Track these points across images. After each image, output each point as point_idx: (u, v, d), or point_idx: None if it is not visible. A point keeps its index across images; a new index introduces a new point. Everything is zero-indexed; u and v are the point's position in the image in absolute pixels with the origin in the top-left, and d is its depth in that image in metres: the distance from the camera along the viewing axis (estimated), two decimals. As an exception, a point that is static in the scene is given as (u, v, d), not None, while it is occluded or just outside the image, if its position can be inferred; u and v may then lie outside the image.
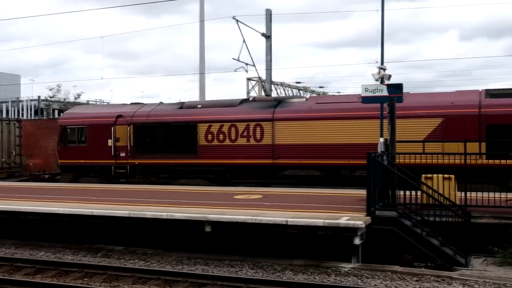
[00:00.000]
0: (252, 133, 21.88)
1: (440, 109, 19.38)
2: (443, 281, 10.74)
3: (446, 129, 18.98)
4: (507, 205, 12.81)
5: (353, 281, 10.88)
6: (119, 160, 24.30)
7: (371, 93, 14.64)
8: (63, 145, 25.51)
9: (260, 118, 21.85)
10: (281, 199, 16.17)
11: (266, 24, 29.44)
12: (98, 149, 24.63)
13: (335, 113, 20.72)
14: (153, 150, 23.66)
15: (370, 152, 12.78)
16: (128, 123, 24.25)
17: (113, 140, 24.44)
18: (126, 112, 24.86)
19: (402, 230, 12.37)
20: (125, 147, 24.15)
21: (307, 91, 35.24)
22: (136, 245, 14.51)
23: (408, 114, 19.06)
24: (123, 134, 24.28)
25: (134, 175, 24.20)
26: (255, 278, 11.18)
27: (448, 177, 13.88)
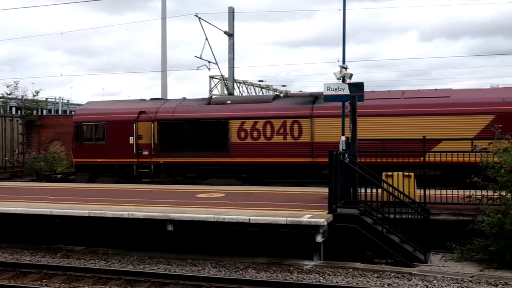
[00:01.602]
0: (289, 130, 21.11)
1: (491, 106, 18.90)
2: (403, 277, 10.91)
3: None
4: (465, 202, 13.06)
5: (315, 278, 10.96)
6: (141, 159, 23.10)
7: (333, 92, 14.76)
8: (79, 142, 24.24)
9: (298, 115, 20.99)
10: (244, 198, 16.16)
11: (228, 22, 29.39)
12: (118, 147, 23.39)
13: (381, 109, 20.06)
14: (180, 148, 22.53)
15: (331, 150, 12.87)
16: (152, 119, 23.03)
17: (135, 137, 23.26)
18: (149, 108, 23.59)
19: (363, 228, 12.51)
20: (149, 145, 23.01)
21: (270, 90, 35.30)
22: (96, 245, 14.29)
23: (456, 111, 18.78)
24: (146, 131, 23.12)
25: (159, 174, 23.07)
26: (218, 277, 11.14)
27: (408, 175, 14.11)
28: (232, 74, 29.46)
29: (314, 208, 13.48)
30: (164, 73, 32.00)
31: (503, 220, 11.68)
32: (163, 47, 31.94)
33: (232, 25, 29.40)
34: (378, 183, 13.34)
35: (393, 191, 13.32)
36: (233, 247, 13.26)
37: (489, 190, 12.57)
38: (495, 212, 11.99)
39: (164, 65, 31.74)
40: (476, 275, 11.06)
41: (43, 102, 43.14)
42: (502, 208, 12.04)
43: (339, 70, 15.16)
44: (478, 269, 11.63)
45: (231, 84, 29.32)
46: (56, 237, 14.93)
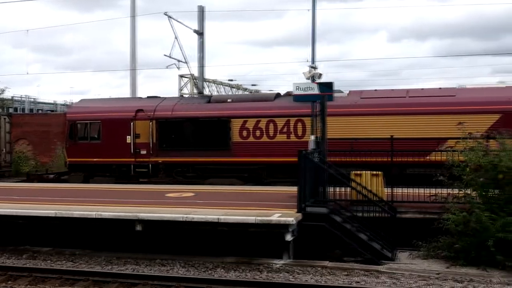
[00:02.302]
0: (293, 129, 20.83)
1: (497, 105, 18.89)
2: (371, 275, 11.02)
3: (505, 126, 18.03)
4: (431, 201, 13.25)
5: (284, 277, 10.99)
6: (139, 158, 22.47)
7: (303, 91, 14.83)
8: (73, 141, 23.50)
9: (302, 114, 20.46)
10: (213, 197, 16.12)
11: (198, 21, 29.27)
12: (114, 146, 22.73)
13: (385, 108, 19.85)
14: (179, 147, 21.98)
15: (301, 149, 12.93)
16: (150, 118, 22.45)
17: (132, 136, 22.65)
18: (147, 106, 23.01)
19: (332, 226, 12.60)
20: (147, 144, 22.41)
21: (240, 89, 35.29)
22: (63, 246, 14.07)
23: (462, 110, 18.62)
24: (144, 130, 22.55)
25: (157, 174, 22.52)
26: (187, 277, 11.09)
27: (376, 174, 14.26)
28: (201, 73, 29.36)
29: (283, 207, 13.52)
30: (133, 72, 31.72)
31: (468, 218, 11.87)
32: (132, 45, 31.67)
33: (202, 24, 29.30)
34: (347, 182, 13.45)
35: (362, 189, 13.45)
36: (202, 246, 13.22)
37: (455, 189, 12.78)
38: (461, 210, 12.19)
39: (134, 63, 31.46)
40: (442, 272, 11.25)
41: (8, 101, 42.33)
42: (467, 206, 12.25)
43: (308, 70, 15.27)
44: (444, 266, 11.82)
45: (201, 83, 29.22)
46: (23, 238, 14.65)
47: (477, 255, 11.71)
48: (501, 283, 10.45)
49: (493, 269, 11.38)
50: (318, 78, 15.35)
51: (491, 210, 11.78)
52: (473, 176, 12.25)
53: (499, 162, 11.89)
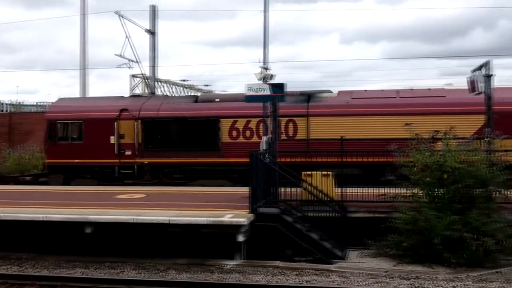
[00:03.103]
0: (284, 129, 20.54)
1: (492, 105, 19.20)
2: (321, 274, 11.16)
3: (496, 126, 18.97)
4: (380, 200, 13.49)
5: (235, 278, 11.00)
6: (124, 159, 21.73)
7: (255, 92, 14.86)
8: (53, 142, 22.50)
9: (293, 114, 20.36)
10: (165, 198, 16.00)
11: (150, 20, 28.96)
12: (97, 147, 21.86)
13: (378, 108, 19.84)
14: (166, 148, 21.30)
15: (252, 150, 12.98)
16: (135, 117, 21.75)
17: (116, 136, 21.89)
18: (131, 105, 22.27)
19: (284, 226, 12.69)
20: (132, 145, 21.72)
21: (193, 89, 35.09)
22: (9, 250, 13.64)
23: (453, 110, 18.70)
24: (129, 130, 21.83)
25: (143, 175, 21.85)
26: (137, 279, 10.97)
27: (327, 174, 14.42)
28: (154, 73, 29.06)
29: (235, 208, 13.53)
30: (83, 71, 31.13)
31: (417, 217, 12.16)
32: (82, 44, 31.09)
33: (154, 23, 28.99)
34: (298, 183, 13.57)
35: (313, 189, 13.60)
36: (154, 248, 13.08)
37: (403, 188, 13.05)
38: (409, 209, 12.47)
39: (84, 63, 30.90)
40: (390, 269, 11.49)
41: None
42: (415, 205, 12.54)
43: (260, 71, 15.32)
44: (393, 264, 12.06)
45: (153, 83, 28.93)
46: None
47: (424, 253, 12.01)
48: (446, 280, 10.75)
49: (439, 266, 11.70)
50: (270, 79, 15.42)
51: (437, 209, 12.11)
52: (420, 176, 12.55)
53: (444, 162, 12.22)
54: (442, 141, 12.95)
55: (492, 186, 12.32)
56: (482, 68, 14.95)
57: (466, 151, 12.45)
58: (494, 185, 12.27)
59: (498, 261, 11.92)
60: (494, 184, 12.25)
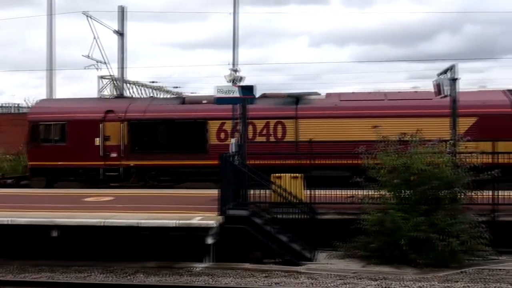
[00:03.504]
0: (273, 131, 20.44)
1: (474, 108, 19.33)
2: (290, 276, 11.21)
3: (481, 128, 19.08)
4: (348, 202, 13.61)
5: (204, 281, 10.97)
6: (109, 162, 21.31)
7: (225, 94, 14.84)
8: (35, 144, 21.98)
9: (282, 116, 20.33)
10: (134, 201, 15.86)
11: (119, 21, 28.72)
12: (81, 149, 21.42)
13: (366, 110, 19.82)
14: (153, 150, 20.92)
15: (222, 153, 12.98)
16: (121, 119, 21.34)
17: (101, 138, 21.46)
18: (117, 106, 21.86)
19: (253, 228, 12.71)
20: (117, 147, 21.32)
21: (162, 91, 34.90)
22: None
23: (440, 113, 18.78)
24: (114, 132, 21.42)
25: (128, 178, 21.44)
26: (105, 283, 10.87)
27: (296, 176, 14.50)
28: (122, 74, 28.82)
29: (205, 210, 13.49)
30: (50, 72, 30.68)
31: (383, 218, 12.32)
32: (49, 45, 30.63)
33: (123, 24, 28.76)
34: (268, 185, 13.61)
35: (283, 192, 13.65)
36: (122, 251, 12.95)
37: (371, 190, 13.19)
38: (377, 211, 12.62)
39: (51, 64, 30.45)
40: (358, 271, 11.61)
41: None
42: (383, 207, 12.69)
43: (229, 73, 15.31)
44: (361, 265, 12.19)
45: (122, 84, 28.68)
46: None
47: (391, 254, 12.16)
48: (413, 280, 10.91)
49: (406, 267, 11.85)
50: (240, 81, 15.42)
51: (404, 210, 12.27)
52: (388, 177, 12.71)
53: (412, 164, 12.40)
54: (409, 143, 13.11)
55: (458, 188, 12.54)
56: (447, 71, 15.21)
57: (432, 153, 12.63)
58: (459, 186, 12.49)
59: (463, 261, 12.14)
60: (459, 185, 12.47)
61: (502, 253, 13.04)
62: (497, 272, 11.48)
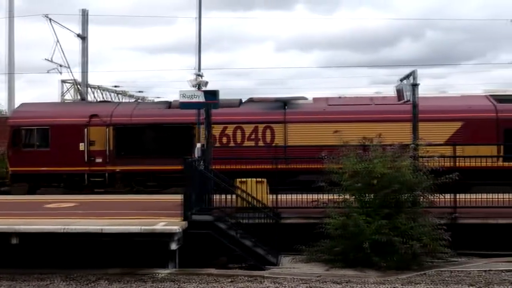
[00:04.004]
0: (262, 136, 20.34)
1: (460, 113, 19.82)
2: (255, 280, 11.22)
3: (466, 133, 19.44)
4: (313, 206, 13.72)
5: (169, 287, 10.91)
6: (94, 167, 20.83)
7: (189, 99, 14.81)
8: (17, 149, 21.34)
9: (271, 120, 20.31)
10: (97, 207, 15.66)
11: (81, 25, 28.38)
12: (65, 154, 20.97)
13: (354, 115, 19.90)
14: (139, 154, 20.48)
15: (185, 157, 12.94)
16: (106, 124, 20.94)
17: (86, 143, 21.03)
18: (102, 111, 21.42)
19: (218, 233, 12.69)
20: (103, 152, 20.89)
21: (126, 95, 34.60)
22: None
23: (427, 117, 18.93)
24: (99, 137, 21.01)
25: (114, 183, 20.95)
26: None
27: (261, 181, 14.55)
28: (85, 78, 28.46)
29: (169, 216, 13.41)
30: (11, 76, 30.10)
31: (347, 222, 12.44)
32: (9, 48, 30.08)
33: (85, 28, 28.43)
34: (232, 190, 13.62)
35: (247, 196, 13.67)
36: (85, 258, 12.76)
37: (334, 194, 13.32)
38: (340, 214, 12.75)
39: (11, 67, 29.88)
40: (323, 274, 11.70)
41: None
42: (346, 211, 12.83)
43: (194, 78, 15.29)
44: (324, 268, 12.27)
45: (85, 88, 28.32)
46: None
47: (355, 257, 12.28)
48: (376, 283, 11.06)
49: (370, 270, 11.98)
50: (204, 86, 15.41)
51: (366, 214, 12.43)
52: (350, 181, 12.85)
53: (373, 168, 12.58)
54: (370, 147, 13.30)
55: (419, 191, 12.76)
56: (408, 77, 15.49)
57: (393, 157, 12.83)
58: (420, 190, 12.72)
59: (424, 264, 12.36)
60: (420, 189, 12.70)
61: (462, 254, 13.36)
62: (457, 273, 11.73)
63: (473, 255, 13.58)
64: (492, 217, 13.81)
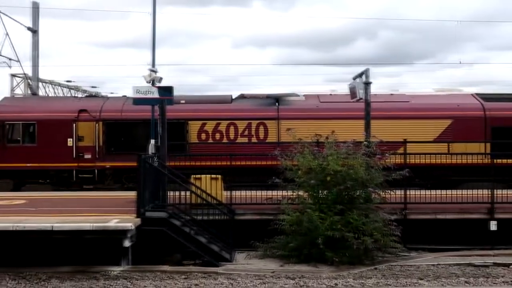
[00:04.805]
0: (255, 132, 20.13)
1: (449, 111, 20.17)
2: (209, 277, 11.25)
3: (455, 130, 19.79)
4: (267, 203, 13.81)
5: (122, 284, 10.81)
6: (83, 163, 20.14)
7: (143, 95, 14.65)
8: (1, 145, 20.50)
9: (264, 117, 20.18)
10: (48, 204, 15.33)
11: (33, 18, 27.67)
12: (52, 150, 20.25)
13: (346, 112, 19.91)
14: (130, 151, 19.11)
15: (140, 153, 12.83)
16: (96, 119, 20.27)
17: (74, 139, 20.37)
18: (91, 106, 20.76)
19: (172, 230, 12.64)
20: (92, 148, 20.25)
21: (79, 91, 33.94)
22: None
23: (418, 115, 19.29)
24: (88, 132, 20.38)
25: (104, 180, 20.37)
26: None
27: (216, 177, 14.55)
28: (36, 73, 27.79)
29: (122, 213, 13.25)
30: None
31: (301, 218, 12.59)
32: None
33: (36, 21, 27.73)
34: (187, 186, 13.58)
35: (202, 193, 13.65)
36: (36, 256, 12.49)
37: (290, 191, 13.45)
38: (294, 211, 12.88)
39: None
40: (277, 270, 11.81)
41: None
42: (300, 207, 12.97)
43: (148, 74, 15.11)
44: (279, 264, 12.39)
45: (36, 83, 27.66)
46: None
47: (309, 253, 12.46)
48: (329, 278, 11.24)
49: (323, 265, 12.18)
50: (159, 82, 15.24)
51: (320, 210, 12.59)
52: (305, 178, 13.00)
53: (327, 165, 12.75)
54: (325, 145, 13.48)
55: (371, 188, 13.02)
56: (361, 75, 15.74)
57: (347, 154, 13.04)
58: (372, 186, 12.97)
59: (376, 258, 12.64)
60: (372, 185, 12.96)
61: (412, 249, 13.74)
62: (407, 268, 12.04)
63: (423, 250, 13.98)
64: (441, 213, 14.22)
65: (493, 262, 12.34)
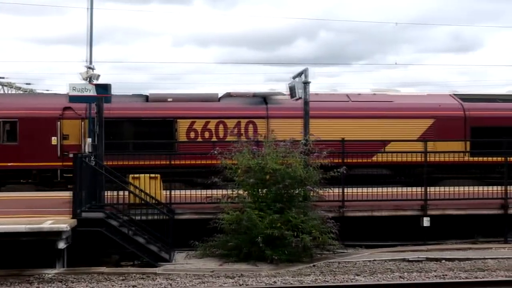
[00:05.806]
0: (244, 131, 19.64)
1: (431, 110, 20.44)
2: (148, 278, 11.10)
3: (437, 129, 20.00)
4: (207, 202, 13.78)
5: (57, 287, 10.51)
6: (68, 162, 18.42)
7: (79, 92, 14.30)
8: None
9: (253, 115, 19.90)
10: (-21, 205, 14.75)
11: (-38, 11, 26.56)
12: (35, 149, 19.24)
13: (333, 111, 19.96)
14: (117, 149, 18.39)
15: (76, 153, 12.54)
16: (82, 117, 19.28)
17: (59, 137, 19.42)
18: (76, 103, 19.16)
19: (109, 231, 12.42)
20: (77, 146, 19.11)
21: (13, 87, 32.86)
22: None
23: (401, 114, 19.48)
24: (74, 131, 19.48)
25: None
26: None
27: (155, 177, 14.40)
28: (-34, 69, 26.70)
29: (58, 213, 12.92)
30: None
31: (241, 217, 12.63)
32: None
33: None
34: (125, 186, 13.38)
35: (140, 193, 13.48)
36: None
37: (229, 190, 13.46)
38: (234, 209, 12.91)
39: None
40: (216, 269, 11.80)
41: None
42: (240, 206, 13.01)
43: (85, 71, 14.77)
44: (218, 263, 12.39)
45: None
46: None
47: (249, 251, 12.51)
48: (268, 276, 11.32)
49: (263, 263, 12.27)
50: (96, 80, 14.90)
51: (260, 209, 12.67)
52: (244, 177, 13.04)
53: (266, 164, 12.84)
54: (264, 144, 13.57)
55: (309, 186, 13.19)
56: (301, 75, 15.92)
57: (285, 153, 13.17)
58: (310, 184, 13.14)
59: (314, 256, 12.86)
60: (310, 183, 13.13)
61: (349, 246, 14.04)
62: (344, 264, 12.29)
63: (360, 246, 14.31)
64: (377, 210, 14.59)
65: (426, 257, 12.75)
